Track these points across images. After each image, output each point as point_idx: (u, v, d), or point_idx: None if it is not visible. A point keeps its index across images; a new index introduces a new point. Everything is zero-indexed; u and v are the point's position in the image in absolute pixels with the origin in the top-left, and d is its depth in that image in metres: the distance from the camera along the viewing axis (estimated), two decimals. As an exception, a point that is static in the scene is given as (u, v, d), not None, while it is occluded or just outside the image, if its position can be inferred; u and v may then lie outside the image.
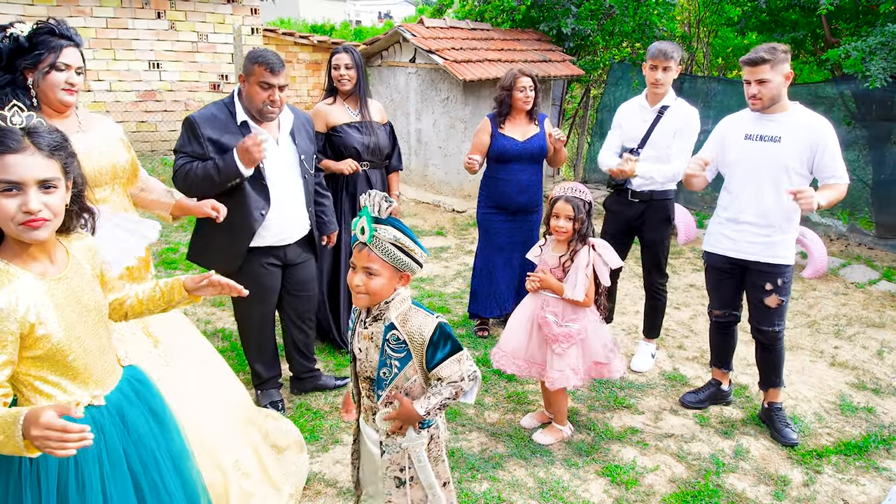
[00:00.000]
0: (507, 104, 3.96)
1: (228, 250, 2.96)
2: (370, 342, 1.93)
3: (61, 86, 2.11)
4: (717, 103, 7.86)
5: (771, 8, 7.01)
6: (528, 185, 4.03)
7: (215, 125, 2.84)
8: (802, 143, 2.97)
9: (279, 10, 20.97)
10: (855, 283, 5.62)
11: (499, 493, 2.77)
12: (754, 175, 3.07)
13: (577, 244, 2.90)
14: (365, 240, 1.82)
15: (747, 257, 3.15)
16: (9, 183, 1.37)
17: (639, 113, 3.75)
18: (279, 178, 2.97)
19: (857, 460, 3.10)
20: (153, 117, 8.75)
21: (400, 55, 7.97)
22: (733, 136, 3.17)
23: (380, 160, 3.84)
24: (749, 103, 3.05)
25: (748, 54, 3.00)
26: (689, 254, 6.43)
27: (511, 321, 3.09)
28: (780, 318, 3.18)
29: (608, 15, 8.46)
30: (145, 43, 8.48)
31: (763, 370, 3.33)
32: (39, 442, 1.25)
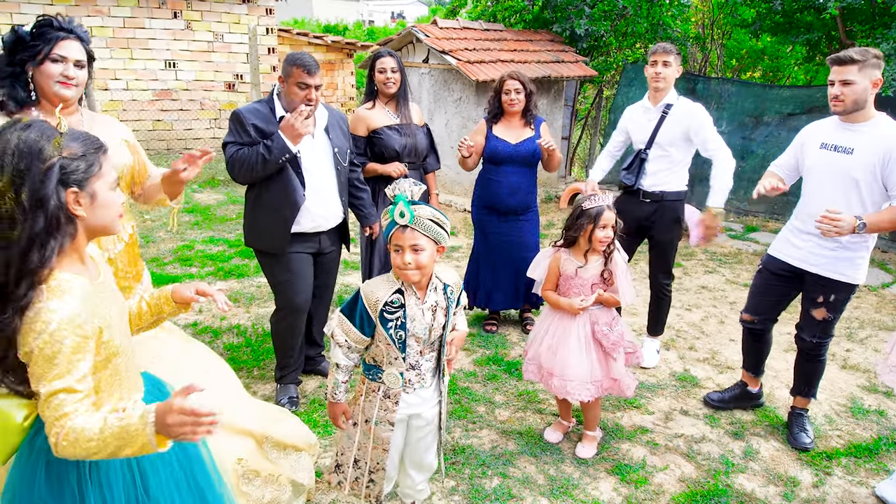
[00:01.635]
0: (498, 107, 4.02)
1: (275, 229, 3.13)
2: (433, 311, 2.15)
3: (56, 77, 2.09)
4: (731, 105, 7.84)
5: (786, 9, 6.99)
6: (518, 187, 4.06)
7: (259, 116, 3.04)
8: (875, 156, 2.79)
9: (292, 10, 21.12)
10: (868, 286, 5.60)
11: (509, 489, 2.81)
12: (824, 186, 2.96)
13: (611, 253, 2.91)
14: (407, 221, 2.02)
15: (809, 268, 3.06)
16: (117, 180, 1.48)
17: (643, 114, 3.79)
18: (315, 168, 3.14)
19: (867, 462, 3.10)
20: (169, 116, 8.86)
21: (413, 55, 8.01)
22: (811, 143, 3.07)
23: (418, 161, 3.95)
24: (831, 105, 2.89)
25: (837, 53, 2.86)
26: (702, 255, 6.43)
27: (560, 348, 2.94)
28: (824, 333, 3.12)
29: (622, 16, 8.46)
30: (162, 42, 8.59)
31: (797, 377, 3.30)
32: (176, 429, 1.29)
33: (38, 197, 1.33)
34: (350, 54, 12.10)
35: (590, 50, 8.79)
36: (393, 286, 2.12)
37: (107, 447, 1.32)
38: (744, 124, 7.85)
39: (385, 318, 2.10)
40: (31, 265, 1.33)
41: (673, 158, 3.72)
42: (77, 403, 1.34)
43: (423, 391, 2.24)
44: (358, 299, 2.12)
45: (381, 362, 2.19)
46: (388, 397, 2.21)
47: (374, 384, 2.22)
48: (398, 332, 2.12)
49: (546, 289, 3.02)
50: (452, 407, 3.43)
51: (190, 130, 9.01)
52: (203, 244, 6.05)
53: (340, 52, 11.90)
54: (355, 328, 2.11)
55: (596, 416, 3.11)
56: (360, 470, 2.29)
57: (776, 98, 7.74)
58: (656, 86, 3.67)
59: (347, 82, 12.09)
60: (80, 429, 1.31)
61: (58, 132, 1.41)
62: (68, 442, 1.31)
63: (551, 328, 2.99)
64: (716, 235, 3.55)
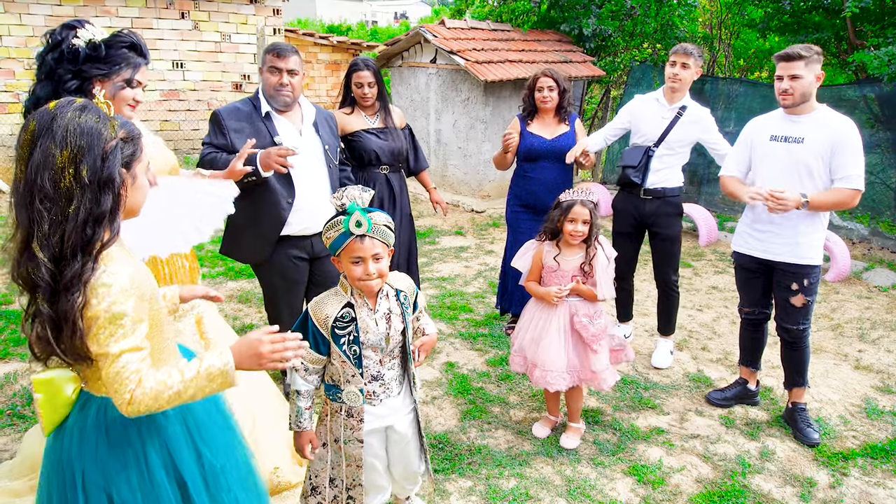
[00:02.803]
0: (532, 104, 4.02)
1: (259, 241, 3.06)
2: (387, 318, 2.10)
3: (128, 101, 2.12)
4: (739, 105, 7.82)
5: (794, 9, 6.98)
6: (556, 184, 4.03)
7: (238, 117, 2.99)
8: (824, 144, 2.98)
9: (296, 11, 21.13)
10: (878, 287, 5.59)
11: (526, 490, 2.81)
12: (778, 176, 3.09)
13: (593, 246, 2.94)
14: (365, 231, 1.95)
15: (774, 258, 3.18)
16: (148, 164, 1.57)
17: (657, 110, 3.82)
18: (304, 167, 3.01)
19: (884, 463, 3.10)
20: (176, 116, 8.87)
21: (420, 56, 8.02)
22: (760, 137, 3.21)
23: (398, 164, 3.91)
24: (779, 99, 3.07)
25: (784, 49, 3.04)
26: (711, 255, 6.42)
27: (542, 339, 2.98)
28: (806, 318, 3.20)
29: (629, 15, 8.45)
30: (169, 43, 8.60)
31: (787, 369, 3.35)
32: (266, 358, 1.49)
33: (106, 176, 1.38)
34: (355, 54, 12.11)
35: (597, 50, 8.78)
36: (342, 300, 2.06)
37: (186, 392, 1.42)
38: (751, 124, 7.83)
39: (337, 335, 2.04)
40: (95, 241, 1.37)
41: (678, 157, 3.83)
42: (144, 360, 1.40)
43: (391, 401, 2.18)
44: (307, 318, 2.05)
45: (339, 381, 2.11)
46: (352, 416, 2.13)
47: (335, 404, 2.15)
48: (352, 346, 2.05)
49: (529, 280, 3.09)
50: (467, 407, 3.43)
51: (197, 131, 9.01)
52: (213, 244, 6.05)
53: (346, 53, 11.90)
54: (310, 349, 2.04)
55: (578, 407, 3.16)
56: (338, 488, 2.22)
57: (784, 98, 7.73)
58: (672, 86, 3.71)
59: (353, 82, 12.11)
60: (159, 380, 1.39)
61: (109, 116, 1.45)
62: (147, 394, 1.37)
63: (534, 320, 3.06)
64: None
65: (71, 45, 2.01)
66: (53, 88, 2.02)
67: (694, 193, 8.28)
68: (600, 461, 3.03)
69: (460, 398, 3.52)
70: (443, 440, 3.12)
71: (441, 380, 3.71)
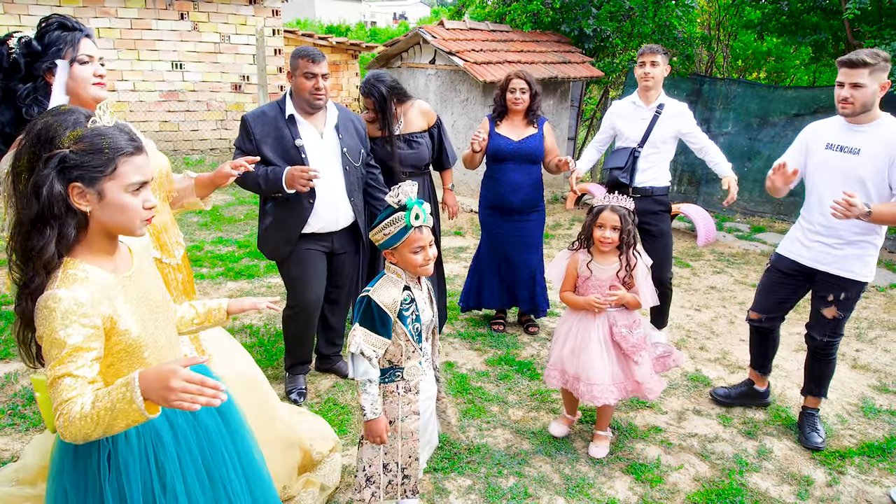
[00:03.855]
0: (502, 105, 4.04)
1: (282, 238, 3.23)
2: (428, 296, 2.31)
3: (90, 80, 2.01)
4: (737, 106, 7.85)
5: (792, 10, 7.01)
6: (521, 185, 4.06)
7: (264, 121, 3.12)
8: (881, 157, 2.83)
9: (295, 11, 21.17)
10: (876, 287, 5.61)
11: (525, 488, 2.82)
12: (830, 186, 2.96)
13: (629, 254, 2.89)
14: (422, 222, 2.13)
15: (818, 266, 3.09)
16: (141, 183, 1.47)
17: (635, 112, 3.92)
18: (323, 169, 3.11)
19: (881, 462, 3.11)
20: (175, 117, 8.89)
21: (420, 56, 8.04)
22: (815, 143, 3.08)
23: (419, 169, 3.83)
24: (838, 107, 2.91)
25: (847, 55, 2.87)
26: (709, 256, 6.44)
27: (583, 352, 2.92)
28: (835, 332, 3.13)
29: (628, 16, 8.48)
30: (168, 44, 8.62)
31: (807, 377, 3.31)
32: (174, 395, 1.26)
33: (35, 182, 1.36)
34: (355, 55, 12.12)
35: (596, 51, 8.81)
36: (400, 284, 2.21)
37: (101, 421, 1.31)
38: (749, 125, 7.86)
39: (404, 316, 2.20)
40: (32, 249, 1.36)
41: (663, 155, 3.89)
42: (78, 389, 1.34)
43: (429, 374, 2.37)
44: (371, 307, 2.15)
45: (399, 360, 2.24)
46: (409, 390, 2.28)
47: (391, 385, 2.27)
48: (415, 324, 2.23)
49: (564, 290, 3.03)
50: (467, 406, 3.44)
51: (196, 132, 9.03)
52: (212, 245, 6.08)
53: (345, 54, 11.92)
54: (379, 335, 2.16)
55: (608, 416, 3.12)
56: (392, 472, 2.31)
57: (781, 99, 7.76)
58: (646, 85, 3.82)
59: (352, 83, 12.11)
60: (77, 407, 1.32)
61: (84, 126, 1.40)
62: (66, 423, 1.32)
63: (572, 331, 2.98)
64: (734, 199, 3.67)
65: (8, 57, 1.96)
66: (12, 105, 1.97)
67: (692, 194, 8.30)
68: (598, 460, 3.04)
69: (459, 398, 3.53)
70: (442, 439, 3.13)
71: (442, 381, 3.72)
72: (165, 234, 2.23)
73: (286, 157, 3.11)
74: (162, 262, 2.18)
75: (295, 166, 3.01)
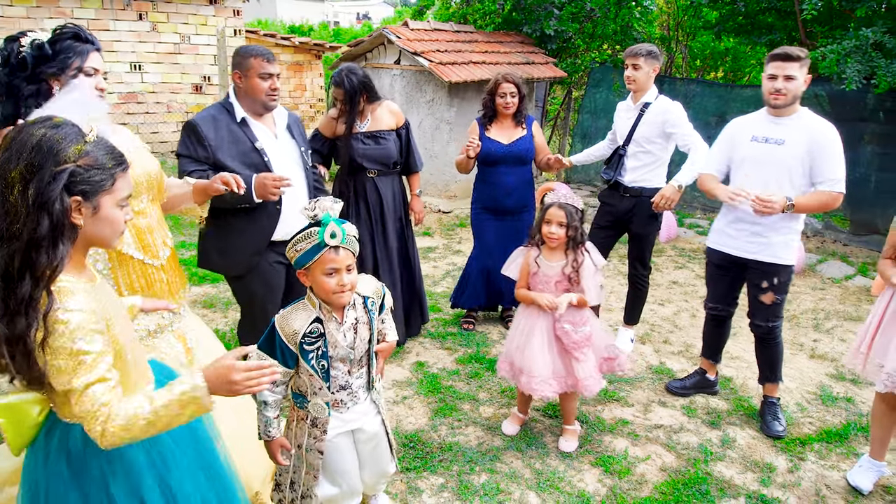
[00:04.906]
0: (492, 108, 4.07)
1: (249, 250, 3.03)
2: (354, 329, 2.11)
3: (93, 92, 2.04)
4: (696, 105, 8.02)
5: (748, 11, 7.18)
6: (514, 187, 4.12)
7: (216, 126, 2.89)
8: (804, 147, 3.01)
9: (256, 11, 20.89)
10: (832, 279, 5.80)
11: (497, 484, 2.85)
12: (757, 176, 3.12)
13: (577, 252, 2.93)
14: (339, 241, 1.96)
15: (746, 255, 3.23)
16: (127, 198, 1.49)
17: (625, 112, 4.01)
18: (282, 169, 3.00)
19: (838, 447, 3.23)
20: (135, 119, 8.70)
21: (384, 57, 8.02)
22: (740, 136, 3.24)
23: (387, 168, 3.83)
24: (770, 99, 3.05)
25: (780, 48, 3.03)
26: (671, 251, 6.57)
27: (528, 345, 2.98)
28: (775, 316, 3.27)
29: (589, 18, 8.60)
30: (127, 45, 8.43)
31: (760, 364, 3.44)
32: (240, 385, 1.47)
33: (43, 198, 1.33)
34: (318, 55, 12.02)
35: (559, 51, 8.90)
36: (310, 315, 2.04)
37: (159, 421, 1.40)
38: (708, 123, 8.03)
39: (305, 350, 2.03)
40: (38, 266, 1.33)
41: (652, 155, 3.89)
42: (113, 391, 1.38)
43: (359, 406, 2.22)
44: (274, 333, 2.03)
45: (306, 393, 2.13)
46: (316, 426, 2.15)
47: (301, 412, 2.18)
48: (320, 361, 2.05)
49: (519, 286, 3.07)
50: (438, 405, 3.46)
51: (157, 134, 8.86)
52: (175, 249, 5.96)
53: (308, 54, 11.81)
54: (279, 363, 2.03)
55: (573, 409, 3.17)
56: (295, 493, 2.25)
57: (738, 97, 7.96)
58: (630, 87, 3.88)
59: (316, 83, 12.01)
60: (129, 411, 1.37)
61: (83, 139, 1.41)
62: (118, 427, 1.35)
63: (520, 326, 3.05)
64: (670, 207, 3.68)
65: (18, 54, 1.98)
66: (14, 102, 1.98)
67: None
68: (568, 454, 3.09)
69: (431, 397, 3.55)
70: (414, 439, 3.14)
71: (411, 379, 3.73)
72: (150, 236, 2.19)
73: (247, 162, 2.90)
74: (144, 262, 2.14)
75: (263, 174, 2.82)
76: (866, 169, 6.66)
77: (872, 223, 6.71)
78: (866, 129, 6.64)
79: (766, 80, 3.05)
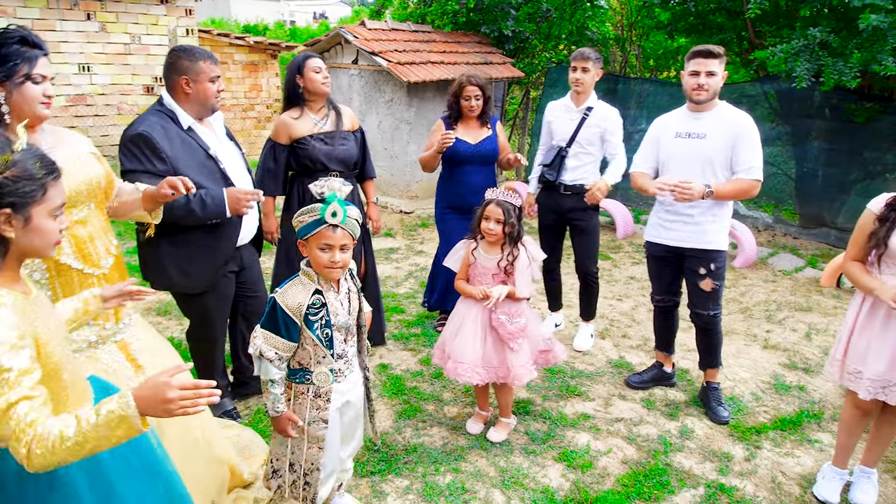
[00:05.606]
0: (457, 109, 4.08)
1: (213, 266, 2.91)
2: (349, 296, 2.25)
3: (39, 99, 1.96)
4: (650, 103, 8.18)
5: (699, 11, 7.35)
6: (481, 186, 4.11)
7: (169, 136, 2.72)
8: (724, 139, 3.15)
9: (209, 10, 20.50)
10: (783, 271, 5.98)
11: (462, 483, 2.85)
12: (683, 170, 3.24)
13: (513, 247, 3.00)
14: (339, 221, 2.07)
15: (682, 245, 3.35)
16: (61, 207, 1.45)
17: (566, 113, 4.07)
18: (235, 175, 2.92)
19: (792, 434, 3.33)
20: (84, 122, 8.45)
21: (342, 57, 7.96)
22: (665, 134, 3.37)
23: (348, 170, 3.75)
24: (692, 94, 3.19)
25: (702, 46, 3.16)
26: (628, 248, 6.69)
27: (460, 333, 3.04)
28: (716, 303, 3.39)
29: (545, 18, 8.68)
30: (74, 45, 8.18)
31: (701, 351, 3.56)
32: (175, 405, 1.34)
33: None
34: (274, 55, 11.85)
35: (516, 52, 8.96)
36: (310, 287, 2.14)
37: (87, 443, 1.30)
38: (663, 121, 8.21)
39: (310, 321, 2.14)
40: None
41: (591, 156, 4.02)
42: (40, 410, 1.30)
43: (352, 375, 2.33)
44: (276, 310, 2.12)
45: (308, 364, 2.21)
46: (319, 396, 2.24)
47: (301, 387, 2.25)
48: (324, 330, 2.17)
49: (458, 278, 3.14)
50: (402, 407, 3.45)
51: (107, 136, 8.61)
52: (127, 255, 5.80)
53: (264, 53, 11.63)
54: (282, 338, 2.12)
55: (507, 402, 3.23)
56: (296, 473, 2.31)
57: (691, 96, 8.14)
58: (577, 89, 3.96)
59: (272, 84, 11.84)
60: (54, 431, 1.28)
61: (10, 150, 1.36)
62: (44, 448, 1.27)
63: (457, 315, 3.12)
64: (598, 200, 3.82)
65: None
66: None
67: (611, 190, 8.59)
68: (532, 450, 3.11)
69: (395, 399, 3.53)
70: (378, 442, 3.12)
71: (374, 382, 3.71)
72: (91, 245, 2.10)
73: (205, 171, 2.77)
74: (83, 272, 2.06)
75: (235, 188, 2.76)
76: (814, 164, 6.88)
77: (820, 216, 6.94)
78: (813, 126, 6.87)
79: (688, 76, 3.19)
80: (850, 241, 2.63)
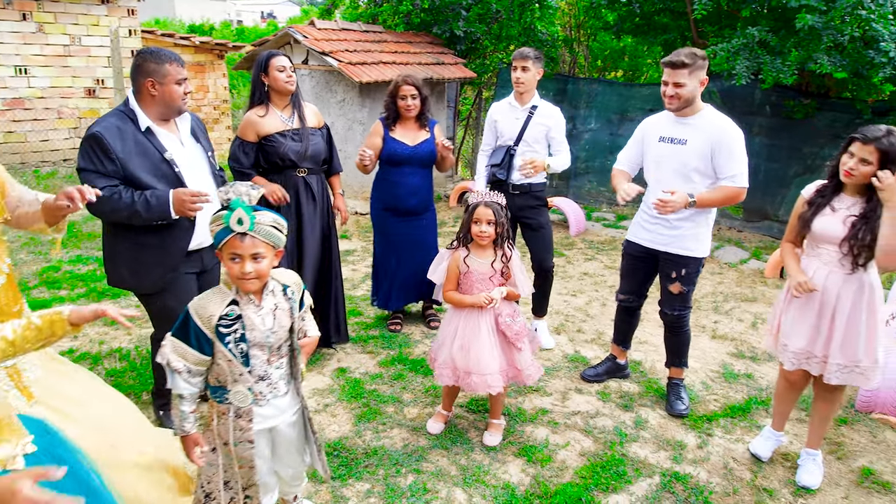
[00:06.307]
0: (394, 110, 4.08)
1: (164, 266, 2.88)
2: (273, 314, 2.07)
3: None
4: (598, 103, 8.34)
5: (644, 12, 7.52)
6: (418, 188, 4.17)
7: (123, 137, 2.70)
8: (705, 145, 3.14)
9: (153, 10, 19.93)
10: (728, 263, 6.18)
11: (423, 484, 2.86)
12: (664, 174, 3.29)
13: (505, 247, 3.01)
14: (246, 228, 1.92)
15: (659, 248, 3.40)
16: None
17: (510, 112, 4.10)
18: (194, 178, 2.88)
19: (742, 421, 3.45)
20: (22, 127, 8.12)
21: (292, 57, 7.85)
22: (650, 137, 3.38)
23: (317, 166, 3.77)
24: (665, 102, 3.19)
25: (669, 56, 3.15)
26: (581, 244, 6.80)
27: (473, 345, 2.98)
28: (683, 305, 3.45)
29: (495, 19, 8.75)
30: (10, 47, 7.86)
31: (667, 349, 3.63)
32: None
33: None
34: (221, 55, 11.61)
35: (468, 52, 9.01)
36: (226, 297, 2.02)
37: None
38: (610, 121, 8.38)
39: (222, 334, 1.99)
40: None
41: (537, 154, 4.05)
42: None
43: (278, 401, 2.16)
44: (189, 318, 1.99)
45: (226, 381, 2.07)
46: (240, 416, 2.09)
47: (222, 406, 2.10)
48: (238, 345, 2.01)
49: (447, 289, 3.08)
50: (361, 410, 3.43)
51: (47, 142, 8.30)
52: (70, 264, 5.62)
53: (210, 54, 11.39)
54: (192, 349, 1.99)
55: (501, 404, 3.24)
56: (233, 490, 2.17)
57: (638, 95, 8.33)
58: (519, 89, 3.99)
59: (220, 84, 11.60)
60: None
61: None
62: None
63: (459, 329, 3.03)
64: (534, 173, 3.86)
65: None
66: None
67: (563, 188, 8.73)
68: (493, 447, 3.14)
69: (354, 402, 3.51)
70: (338, 446, 3.10)
71: (333, 386, 3.68)
72: None
73: (158, 174, 2.75)
74: None
75: (180, 190, 2.71)
76: (756, 160, 7.10)
77: (763, 210, 7.20)
78: (755, 123, 7.12)
79: (662, 85, 3.20)
80: (788, 225, 2.90)
